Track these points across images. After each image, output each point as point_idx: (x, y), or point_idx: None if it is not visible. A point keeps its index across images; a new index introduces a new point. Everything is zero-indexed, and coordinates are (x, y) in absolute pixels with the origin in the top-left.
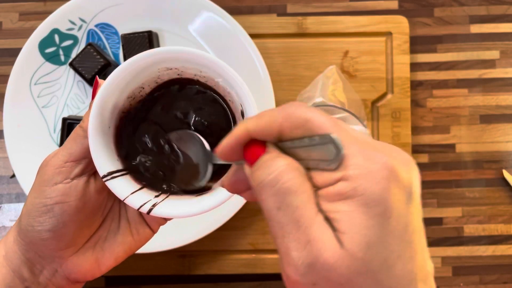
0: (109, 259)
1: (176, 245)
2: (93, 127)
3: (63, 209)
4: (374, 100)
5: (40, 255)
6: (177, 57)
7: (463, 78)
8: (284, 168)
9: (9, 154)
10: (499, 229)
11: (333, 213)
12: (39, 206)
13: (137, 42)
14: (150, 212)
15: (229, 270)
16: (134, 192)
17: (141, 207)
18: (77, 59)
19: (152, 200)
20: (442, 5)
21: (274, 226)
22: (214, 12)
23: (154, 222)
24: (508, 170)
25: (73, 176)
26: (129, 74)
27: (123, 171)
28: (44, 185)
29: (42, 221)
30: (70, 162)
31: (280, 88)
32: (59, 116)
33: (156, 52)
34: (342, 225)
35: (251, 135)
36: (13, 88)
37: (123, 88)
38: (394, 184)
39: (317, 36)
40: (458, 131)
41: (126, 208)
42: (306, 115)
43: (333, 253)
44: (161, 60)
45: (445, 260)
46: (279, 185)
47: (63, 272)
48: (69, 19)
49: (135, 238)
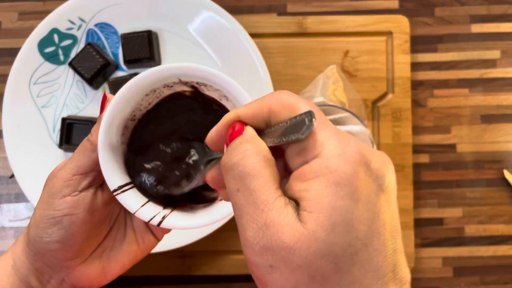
0: (115, 268)
1: (176, 245)
2: (103, 142)
3: (72, 221)
4: (374, 100)
5: (48, 265)
6: (187, 73)
7: (464, 78)
8: (248, 152)
9: (8, 154)
10: (500, 229)
11: (303, 192)
12: (47, 218)
13: (137, 42)
14: (161, 224)
15: (229, 271)
16: (143, 205)
17: (151, 219)
18: (77, 59)
19: (161, 212)
20: (443, 5)
21: (234, 207)
22: (214, 11)
23: (159, 231)
24: (509, 170)
25: (81, 188)
26: (137, 90)
27: (131, 185)
28: (52, 197)
29: (51, 232)
30: (78, 175)
31: (280, 88)
32: (59, 116)
33: (167, 68)
34: (309, 204)
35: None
36: (13, 88)
37: (130, 102)
38: (364, 169)
39: (317, 35)
40: (458, 131)
41: (131, 218)
42: (293, 98)
43: (292, 234)
44: (171, 75)
45: (446, 260)
46: (240, 169)
47: (70, 281)
48: (69, 19)
49: (140, 247)
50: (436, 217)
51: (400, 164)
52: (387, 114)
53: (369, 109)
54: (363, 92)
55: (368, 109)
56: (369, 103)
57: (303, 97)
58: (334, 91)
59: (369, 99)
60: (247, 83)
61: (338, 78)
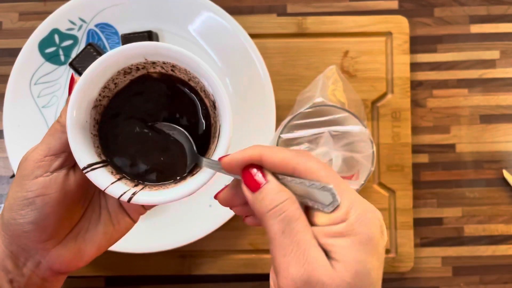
0: (91, 249)
1: (176, 245)
2: (71, 122)
3: (44, 201)
4: (374, 100)
5: (23, 248)
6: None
7: (463, 78)
8: (288, 200)
9: (9, 154)
10: (499, 229)
11: (330, 246)
12: (20, 199)
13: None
14: (131, 200)
15: (229, 270)
16: (114, 182)
17: (121, 196)
18: (77, 59)
19: (131, 189)
20: (442, 5)
21: (277, 246)
22: (214, 12)
23: (134, 212)
24: (508, 170)
25: (53, 169)
26: (103, 69)
27: (102, 163)
28: (24, 179)
29: (24, 214)
30: (49, 156)
31: (280, 88)
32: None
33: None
34: (337, 256)
35: (262, 162)
36: (13, 88)
37: (98, 83)
38: (379, 230)
39: (317, 36)
40: (458, 131)
41: (106, 199)
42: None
43: (326, 273)
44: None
45: (445, 260)
46: (285, 214)
47: (46, 263)
48: (69, 19)
49: (116, 228)
50: (436, 217)
51: (400, 164)
52: (386, 114)
53: (369, 109)
54: (362, 92)
55: (368, 109)
56: (369, 103)
57: (303, 97)
58: (333, 91)
59: (368, 99)
60: (247, 83)
61: (338, 78)
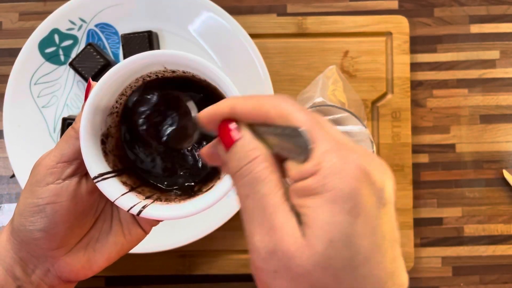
0: (101, 259)
1: (176, 245)
2: (85, 129)
3: (55, 209)
4: (374, 100)
5: (33, 255)
6: (172, 60)
7: (463, 78)
8: (258, 158)
9: (9, 154)
10: (499, 229)
11: (301, 208)
12: (31, 206)
13: (137, 42)
14: (140, 213)
15: (229, 270)
16: (124, 193)
17: (131, 208)
18: (77, 59)
19: (142, 202)
20: (442, 5)
21: (244, 212)
22: (214, 12)
23: (146, 223)
24: (508, 170)
25: (65, 176)
26: (121, 77)
27: (113, 173)
28: (36, 185)
29: (34, 221)
30: (61, 163)
31: (280, 88)
32: (59, 116)
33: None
34: (307, 219)
35: (235, 112)
36: (13, 88)
37: (115, 90)
38: (365, 185)
39: (317, 36)
40: (458, 131)
41: (118, 209)
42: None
43: (294, 241)
44: (153, 62)
45: (445, 260)
46: (250, 175)
47: (55, 271)
48: (69, 19)
49: (127, 239)
50: (436, 216)
51: (400, 164)
52: (386, 114)
53: (369, 109)
54: (362, 92)
55: (368, 109)
56: (369, 103)
57: (303, 97)
58: (333, 91)
59: (368, 99)
60: (247, 83)
61: (338, 78)
